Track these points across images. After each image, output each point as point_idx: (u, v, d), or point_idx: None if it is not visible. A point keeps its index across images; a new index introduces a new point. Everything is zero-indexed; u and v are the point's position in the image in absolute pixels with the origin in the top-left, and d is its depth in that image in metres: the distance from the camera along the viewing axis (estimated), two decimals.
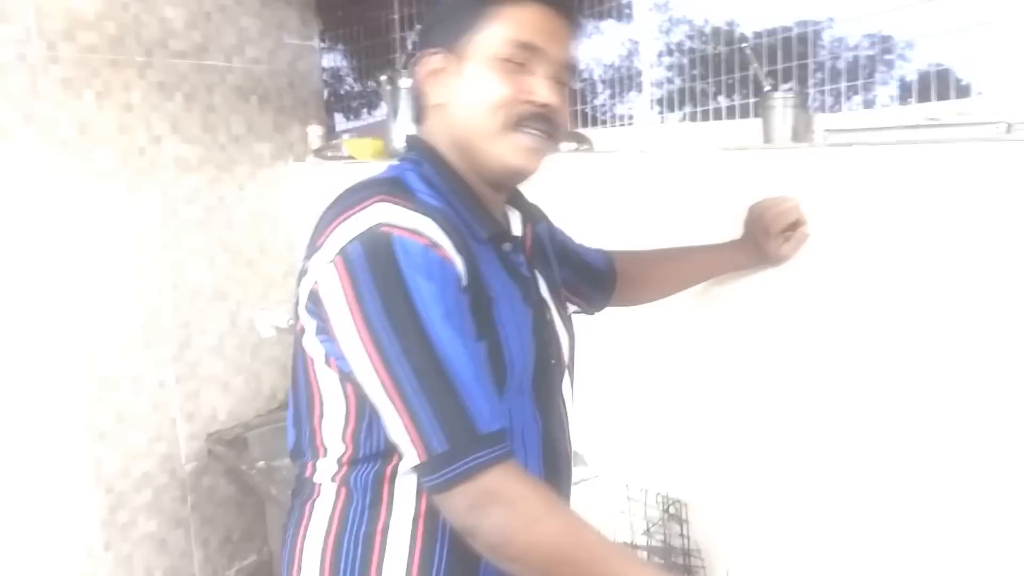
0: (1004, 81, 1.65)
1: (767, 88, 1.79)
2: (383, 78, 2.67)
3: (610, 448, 2.21)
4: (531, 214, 1.31)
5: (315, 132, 3.14)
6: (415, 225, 1.02)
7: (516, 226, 1.27)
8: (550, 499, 1.01)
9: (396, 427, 1.00)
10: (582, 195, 2.16)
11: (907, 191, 1.48)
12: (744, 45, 1.88)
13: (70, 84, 2.52)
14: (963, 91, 1.70)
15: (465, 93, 1.13)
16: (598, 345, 2.18)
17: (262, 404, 3.10)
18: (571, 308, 1.53)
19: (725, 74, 2.11)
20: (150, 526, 2.82)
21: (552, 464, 1.21)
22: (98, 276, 2.63)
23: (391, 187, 1.09)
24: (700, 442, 1.95)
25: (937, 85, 1.69)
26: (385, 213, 1.02)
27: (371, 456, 1.11)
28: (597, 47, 2.57)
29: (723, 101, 2.14)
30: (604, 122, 2.56)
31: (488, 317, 1.09)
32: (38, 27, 2.43)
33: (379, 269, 0.99)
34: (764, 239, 1.54)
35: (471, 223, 1.13)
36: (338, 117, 3.44)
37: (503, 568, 1.05)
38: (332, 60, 3.42)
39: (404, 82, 2.58)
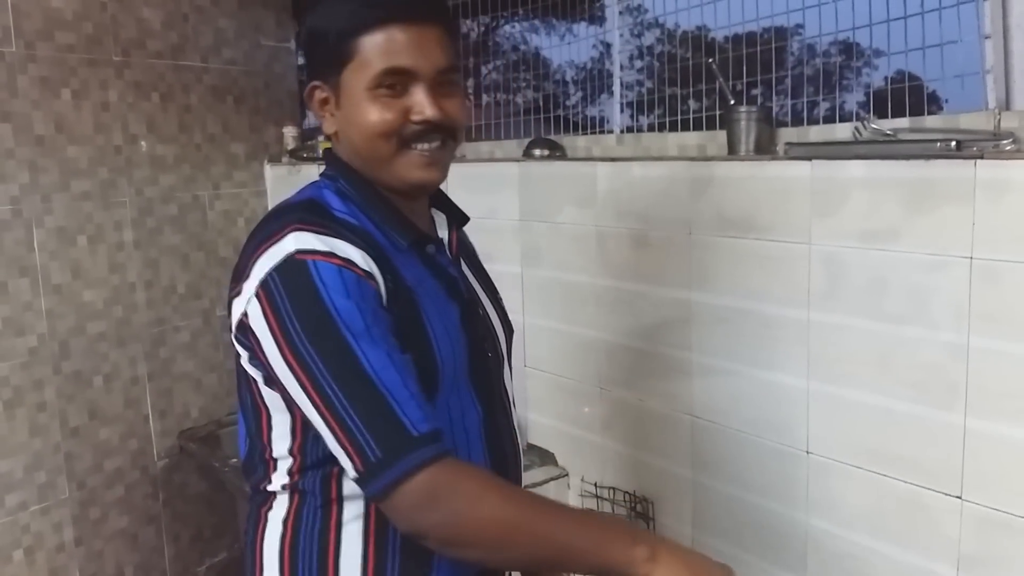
0: (961, 98, 1.74)
1: (732, 102, 1.87)
2: None
3: (580, 447, 2.27)
4: (456, 216, 1.35)
5: (290, 133, 3.19)
6: (328, 247, 1.06)
7: (441, 228, 1.31)
8: (487, 478, 1.07)
9: (333, 443, 1.04)
10: (555, 200, 2.22)
11: (864, 202, 1.56)
12: (710, 60, 1.95)
13: (47, 83, 2.54)
14: (921, 107, 1.77)
15: (350, 125, 1.16)
16: (569, 344, 2.25)
17: (234, 402, 3.12)
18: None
19: (694, 83, 2.17)
20: (121, 522, 2.84)
21: (497, 448, 1.26)
22: (72, 272, 2.65)
23: (305, 211, 1.13)
24: (667, 442, 2.02)
25: (899, 100, 1.77)
26: (299, 241, 1.06)
27: (319, 462, 1.15)
28: (569, 50, 2.62)
29: (693, 105, 2.20)
30: (576, 124, 2.62)
31: (416, 319, 1.14)
32: (16, 26, 2.45)
33: (298, 294, 1.04)
34: None
35: (390, 233, 1.18)
36: (311, 115, 3.48)
37: (466, 559, 1.10)
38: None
39: None
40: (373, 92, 1.12)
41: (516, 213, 2.32)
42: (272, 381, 1.11)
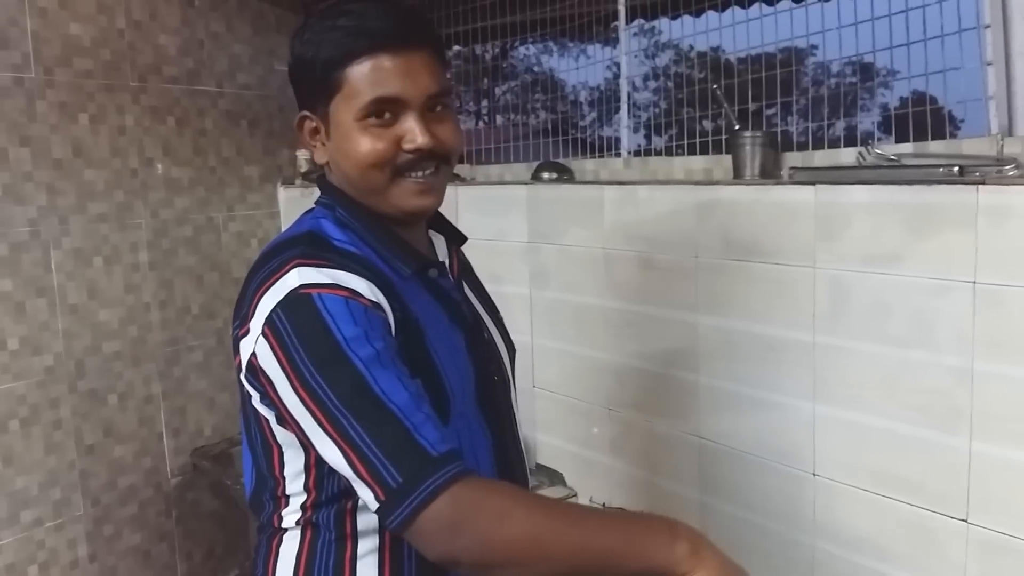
0: (964, 124, 1.76)
1: (737, 126, 1.89)
2: None
3: (588, 468, 2.28)
4: (454, 237, 1.34)
5: (303, 156, 3.22)
6: (332, 280, 1.05)
7: (441, 250, 1.31)
8: (512, 492, 1.03)
9: (352, 475, 1.01)
10: (563, 222, 2.24)
11: (867, 227, 1.58)
12: (715, 87, 1.97)
13: (65, 108, 2.58)
14: (938, 129, 1.78)
15: (341, 155, 1.15)
16: (578, 365, 2.26)
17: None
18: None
19: (708, 105, 2.18)
20: (135, 539, 2.86)
21: (508, 476, 1.24)
22: (89, 293, 2.68)
23: (307, 245, 1.12)
24: (675, 463, 2.03)
25: (917, 121, 1.78)
26: (302, 276, 1.05)
27: (334, 497, 1.15)
28: (583, 72, 2.64)
29: (709, 126, 2.21)
30: (589, 143, 2.64)
31: (422, 349, 1.12)
32: (35, 53, 2.50)
33: (304, 328, 1.02)
34: None
35: (392, 261, 1.16)
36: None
37: None
38: None
39: None
40: (363, 122, 1.11)
41: (525, 235, 2.34)
42: (285, 420, 1.10)
